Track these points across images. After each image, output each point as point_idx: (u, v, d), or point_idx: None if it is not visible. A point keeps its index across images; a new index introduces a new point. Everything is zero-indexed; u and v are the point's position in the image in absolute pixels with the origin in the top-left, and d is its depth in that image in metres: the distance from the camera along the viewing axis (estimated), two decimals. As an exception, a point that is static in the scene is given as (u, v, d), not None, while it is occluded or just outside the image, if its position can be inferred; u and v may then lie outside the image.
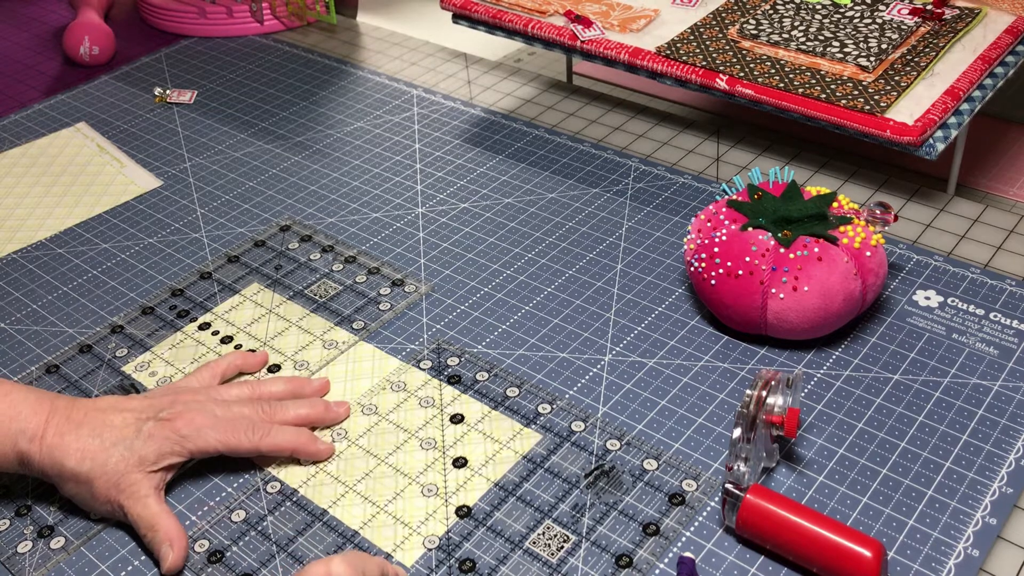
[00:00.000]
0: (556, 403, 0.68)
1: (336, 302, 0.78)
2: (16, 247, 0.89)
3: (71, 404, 0.62)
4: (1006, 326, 0.72)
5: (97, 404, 0.63)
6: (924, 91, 0.82)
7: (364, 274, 0.80)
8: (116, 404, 0.63)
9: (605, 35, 0.94)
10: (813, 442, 0.64)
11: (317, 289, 0.79)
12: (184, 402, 0.64)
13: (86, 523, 0.62)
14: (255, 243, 0.85)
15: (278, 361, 0.74)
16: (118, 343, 0.76)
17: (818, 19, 0.93)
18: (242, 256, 0.83)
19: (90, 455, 0.60)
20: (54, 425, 0.61)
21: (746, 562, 0.57)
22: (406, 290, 0.78)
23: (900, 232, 0.83)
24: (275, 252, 0.83)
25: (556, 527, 0.60)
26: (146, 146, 1.02)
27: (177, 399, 0.64)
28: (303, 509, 0.63)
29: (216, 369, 0.70)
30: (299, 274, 0.82)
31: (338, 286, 0.79)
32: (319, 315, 0.77)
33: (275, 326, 0.76)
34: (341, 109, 1.07)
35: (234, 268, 0.82)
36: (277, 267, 0.81)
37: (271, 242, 0.85)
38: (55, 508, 0.63)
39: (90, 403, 0.63)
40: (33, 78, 1.20)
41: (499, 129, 1.01)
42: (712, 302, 0.71)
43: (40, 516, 0.63)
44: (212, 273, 0.81)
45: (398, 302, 0.77)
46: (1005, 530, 0.59)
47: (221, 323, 0.77)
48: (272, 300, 0.78)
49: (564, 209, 0.88)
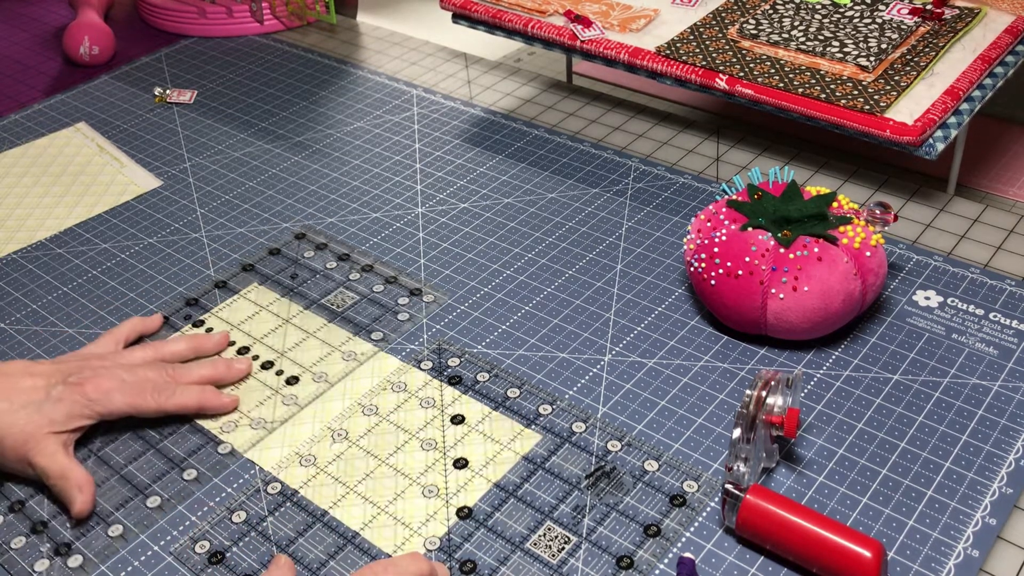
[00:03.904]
0: (557, 403, 0.68)
1: (354, 312, 0.78)
2: (16, 247, 0.89)
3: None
4: (1006, 326, 0.72)
5: (5, 369, 0.65)
6: (924, 91, 0.82)
7: (382, 283, 0.80)
8: (25, 368, 0.66)
9: (605, 35, 0.94)
10: (813, 442, 0.65)
11: (334, 299, 0.79)
12: (92, 367, 0.67)
13: (106, 541, 0.61)
14: (270, 251, 0.84)
15: (297, 373, 0.74)
16: None
17: (818, 19, 0.93)
18: (257, 264, 0.83)
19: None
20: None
21: (746, 562, 0.57)
22: (424, 300, 0.78)
23: (900, 232, 0.83)
24: (291, 260, 0.82)
25: (557, 528, 0.60)
26: (146, 146, 1.02)
27: (85, 364, 0.67)
28: (303, 510, 0.63)
29: (119, 335, 0.73)
30: (316, 283, 0.81)
31: (355, 296, 0.79)
32: (337, 325, 0.77)
33: (293, 337, 0.75)
34: (341, 109, 1.07)
35: (248, 276, 0.82)
36: (293, 275, 0.81)
37: (286, 250, 0.85)
38: (72, 526, 0.62)
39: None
40: (33, 78, 1.20)
41: (499, 129, 1.01)
42: (712, 302, 0.72)
43: (57, 533, 0.62)
44: (227, 282, 0.81)
45: (417, 312, 0.77)
46: (1005, 530, 0.59)
47: (239, 335, 0.77)
48: (290, 310, 0.77)
49: (564, 209, 0.88)
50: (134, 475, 0.65)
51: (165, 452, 0.67)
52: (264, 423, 0.68)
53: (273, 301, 0.79)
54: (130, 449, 0.67)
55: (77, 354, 0.71)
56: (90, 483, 0.63)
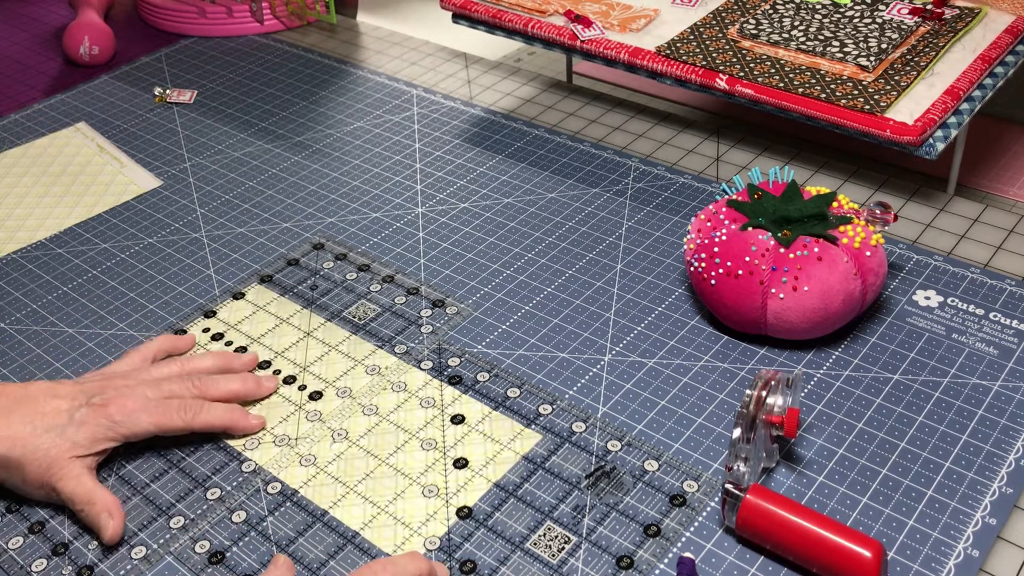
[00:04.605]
0: (557, 403, 0.68)
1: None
2: (16, 247, 0.89)
3: (1, 390, 0.63)
4: (1006, 326, 0.72)
5: (28, 390, 0.64)
6: (924, 91, 0.82)
7: (404, 294, 0.79)
8: (48, 390, 0.64)
9: (605, 35, 0.94)
10: (813, 442, 0.65)
11: (355, 311, 0.78)
12: (116, 387, 0.65)
13: (132, 565, 0.60)
14: (288, 261, 0.83)
15: (320, 388, 0.74)
16: None
17: (818, 19, 0.93)
18: (276, 275, 0.82)
19: (20, 442, 0.61)
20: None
21: (746, 562, 0.57)
22: (448, 311, 0.77)
23: (900, 232, 0.83)
24: (312, 272, 0.81)
25: (557, 528, 0.60)
26: (146, 146, 1.02)
27: (108, 384, 0.65)
28: (303, 510, 0.63)
29: (146, 352, 0.71)
30: (315, 283, 0.81)
31: (377, 308, 0.78)
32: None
33: (315, 351, 0.74)
34: (341, 109, 1.07)
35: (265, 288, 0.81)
36: (313, 286, 0.80)
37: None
38: (95, 546, 0.61)
39: (20, 389, 0.64)
40: (33, 78, 1.20)
41: (499, 129, 1.01)
42: (712, 302, 0.72)
43: (80, 554, 0.61)
44: (244, 294, 0.80)
45: (440, 323, 0.76)
46: (1005, 530, 0.59)
47: (260, 347, 0.76)
48: (311, 322, 0.77)
49: (564, 209, 0.88)
50: (158, 494, 0.64)
51: (189, 471, 0.65)
52: (288, 440, 0.67)
53: (271, 301, 0.79)
54: (153, 467, 0.66)
55: (101, 373, 0.69)
56: (118, 507, 0.61)
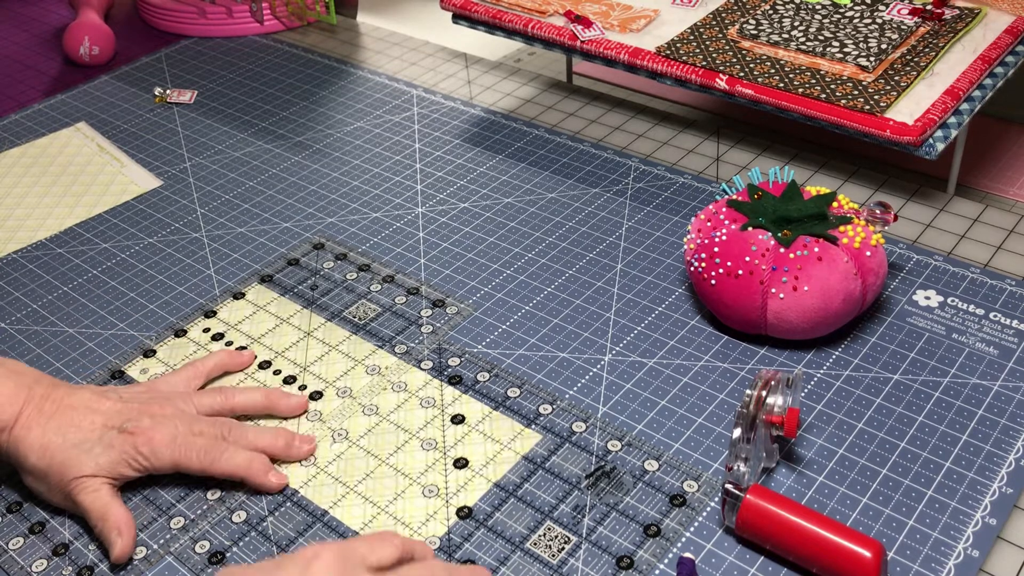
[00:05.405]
0: (557, 403, 0.68)
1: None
2: (16, 247, 0.89)
3: (47, 394, 0.63)
4: (1006, 326, 0.72)
5: (71, 399, 0.63)
6: (924, 91, 0.82)
7: (404, 294, 0.79)
8: (91, 402, 0.63)
9: (605, 35, 0.94)
10: (813, 442, 0.65)
11: (356, 311, 0.78)
12: (152, 414, 0.64)
13: (132, 565, 0.60)
14: (288, 261, 0.83)
15: (320, 388, 0.73)
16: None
17: (818, 19, 0.93)
18: (276, 275, 0.82)
19: (50, 452, 0.61)
20: (25, 416, 0.62)
21: (746, 562, 0.57)
22: (448, 311, 0.77)
23: (900, 232, 0.83)
24: (312, 272, 0.81)
25: (557, 528, 0.60)
26: (146, 146, 1.02)
27: (146, 410, 0.64)
28: (304, 510, 0.63)
29: (202, 369, 0.71)
30: (315, 284, 0.81)
31: (377, 308, 0.78)
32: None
33: (315, 351, 0.74)
34: (341, 109, 1.07)
35: (266, 288, 0.81)
36: (313, 286, 0.80)
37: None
38: (95, 547, 0.61)
39: (65, 395, 0.63)
40: (33, 78, 1.20)
41: (499, 129, 1.01)
42: (712, 302, 0.72)
43: (80, 554, 0.61)
44: (244, 294, 0.80)
45: (440, 323, 0.76)
46: (1005, 530, 0.59)
47: (260, 347, 0.76)
48: (311, 322, 0.77)
49: (564, 209, 0.88)
50: (158, 494, 0.64)
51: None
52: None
53: (271, 301, 0.79)
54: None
55: (148, 388, 0.68)
56: (130, 525, 0.60)
